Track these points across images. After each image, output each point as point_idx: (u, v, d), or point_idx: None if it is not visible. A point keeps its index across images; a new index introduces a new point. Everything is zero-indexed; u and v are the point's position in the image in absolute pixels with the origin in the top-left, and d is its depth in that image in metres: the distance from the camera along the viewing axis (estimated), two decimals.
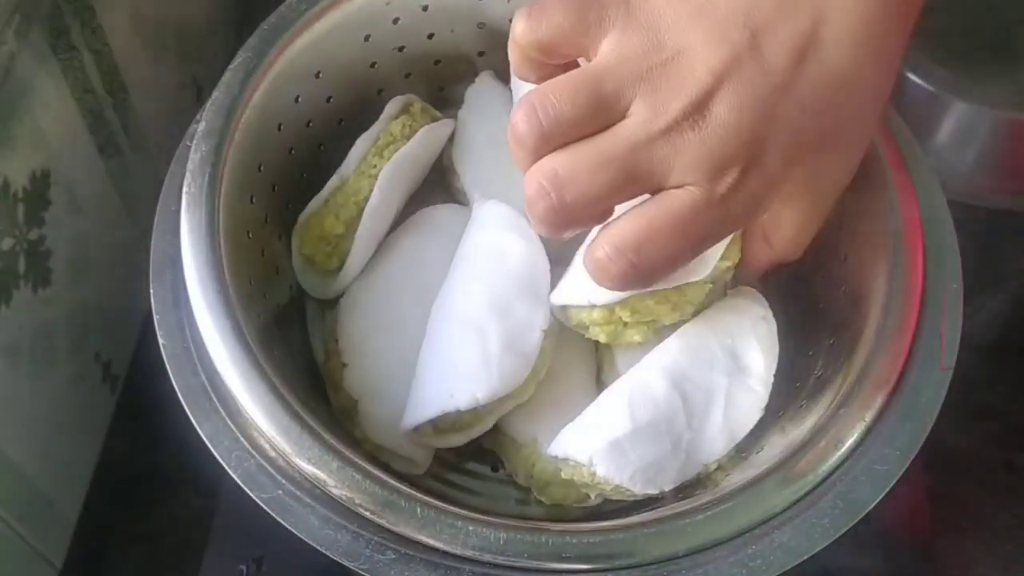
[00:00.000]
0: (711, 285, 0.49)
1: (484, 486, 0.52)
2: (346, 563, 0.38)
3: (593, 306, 0.48)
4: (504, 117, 0.56)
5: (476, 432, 0.48)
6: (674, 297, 0.48)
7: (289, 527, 0.39)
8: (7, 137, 0.47)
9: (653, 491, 0.44)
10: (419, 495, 0.39)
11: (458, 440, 0.48)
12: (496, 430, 0.49)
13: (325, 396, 0.51)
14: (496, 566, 0.37)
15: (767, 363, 0.48)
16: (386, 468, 0.41)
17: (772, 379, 0.47)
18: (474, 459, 0.52)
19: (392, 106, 0.55)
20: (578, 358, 0.53)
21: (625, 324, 0.49)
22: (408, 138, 0.53)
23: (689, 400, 0.46)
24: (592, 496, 0.47)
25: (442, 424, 0.47)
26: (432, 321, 0.50)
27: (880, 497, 0.40)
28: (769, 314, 0.50)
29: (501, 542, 0.37)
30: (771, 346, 0.49)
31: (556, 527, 0.39)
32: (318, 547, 0.38)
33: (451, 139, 0.58)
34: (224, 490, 0.57)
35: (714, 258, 0.48)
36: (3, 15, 0.45)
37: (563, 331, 0.51)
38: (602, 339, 0.49)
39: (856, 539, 0.39)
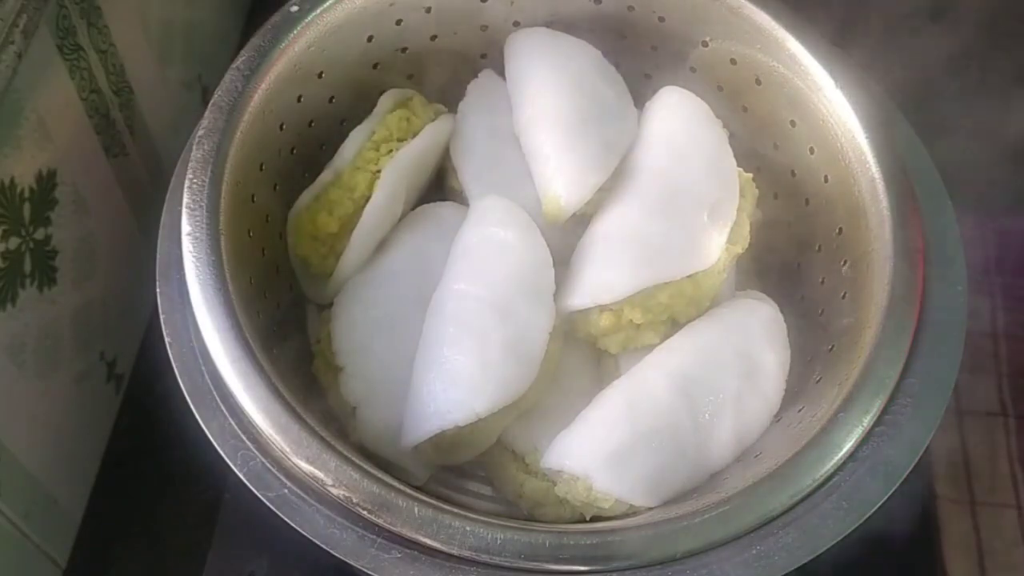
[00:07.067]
0: (724, 274, 0.47)
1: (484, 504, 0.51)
2: (351, 562, 0.38)
3: (600, 309, 0.46)
4: (505, 112, 0.55)
5: (481, 448, 0.46)
6: (689, 289, 0.46)
7: (295, 525, 0.39)
8: (13, 137, 0.47)
9: (655, 503, 0.42)
10: (418, 495, 0.38)
11: (460, 457, 0.46)
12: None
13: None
14: (492, 567, 0.37)
15: (781, 363, 0.46)
16: (386, 466, 0.40)
17: (784, 383, 0.46)
18: (476, 480, 0.51)
19: (387, 100, 0.54)
20: (580, 362, 0.50)
21: (638, 326, 0.46)
22: (408, 132, 0.52)
23: (696, 404, 0.43)
24: (587, 517, 0.44)
25: (442, 442, 0.44)
26: (427, 325, 0.47)
27: (884, 499, 0.40)
28: (780, 316, 0.48)
29: (498, 543, 0.37)
30: (783, 347, 0.47)
31: (554, 528, 0.39)
32: (324, 546, 0.38)
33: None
34: (229, 489, 0.57)
35: (720, 244, 0.46)
36: (9, 15, 0.45)
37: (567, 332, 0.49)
38: (612, 350, 0.47)
39: (859, 539, 0.39)
